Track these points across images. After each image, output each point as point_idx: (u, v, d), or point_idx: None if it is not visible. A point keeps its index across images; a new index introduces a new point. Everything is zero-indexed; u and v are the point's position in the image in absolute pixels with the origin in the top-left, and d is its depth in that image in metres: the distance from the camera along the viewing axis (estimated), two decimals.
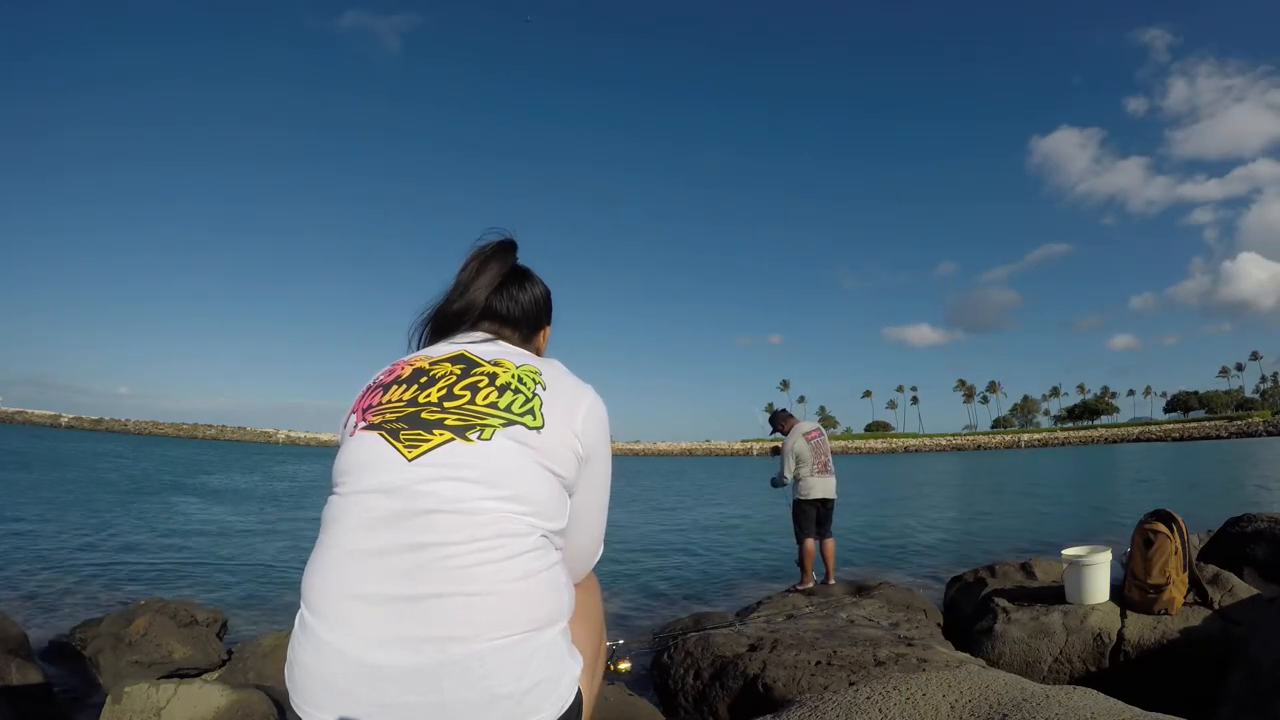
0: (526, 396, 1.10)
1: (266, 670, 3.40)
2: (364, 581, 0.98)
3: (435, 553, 0.97)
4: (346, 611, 0.98)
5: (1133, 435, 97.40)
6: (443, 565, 0.97)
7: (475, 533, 0.99)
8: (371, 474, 1.04)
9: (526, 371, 1.15)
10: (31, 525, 11.52)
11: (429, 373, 1.14)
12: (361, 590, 0.98)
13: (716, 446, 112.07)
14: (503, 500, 1.02)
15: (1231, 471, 27.42)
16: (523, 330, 1.30)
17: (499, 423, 1.06)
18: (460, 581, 0.96)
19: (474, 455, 1.03)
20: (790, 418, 6.28)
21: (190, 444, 77.00)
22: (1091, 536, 8.84)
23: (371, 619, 0.96)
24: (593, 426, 1.15)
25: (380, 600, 0.96)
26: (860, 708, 1.76)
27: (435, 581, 0.96)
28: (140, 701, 2.54)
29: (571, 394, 1.15)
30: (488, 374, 1.13)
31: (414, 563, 0.97)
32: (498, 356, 1.17)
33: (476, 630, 0.96)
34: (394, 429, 1.07)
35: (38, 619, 5.76)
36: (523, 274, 1.34)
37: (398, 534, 0.99)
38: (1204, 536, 5.85)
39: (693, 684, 3.43)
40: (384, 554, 0.98)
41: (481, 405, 1.08)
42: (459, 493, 1.00)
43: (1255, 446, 54.30)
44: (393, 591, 0.96)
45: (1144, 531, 3.79)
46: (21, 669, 3.40)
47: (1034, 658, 3.66)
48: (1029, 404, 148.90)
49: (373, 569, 0.98)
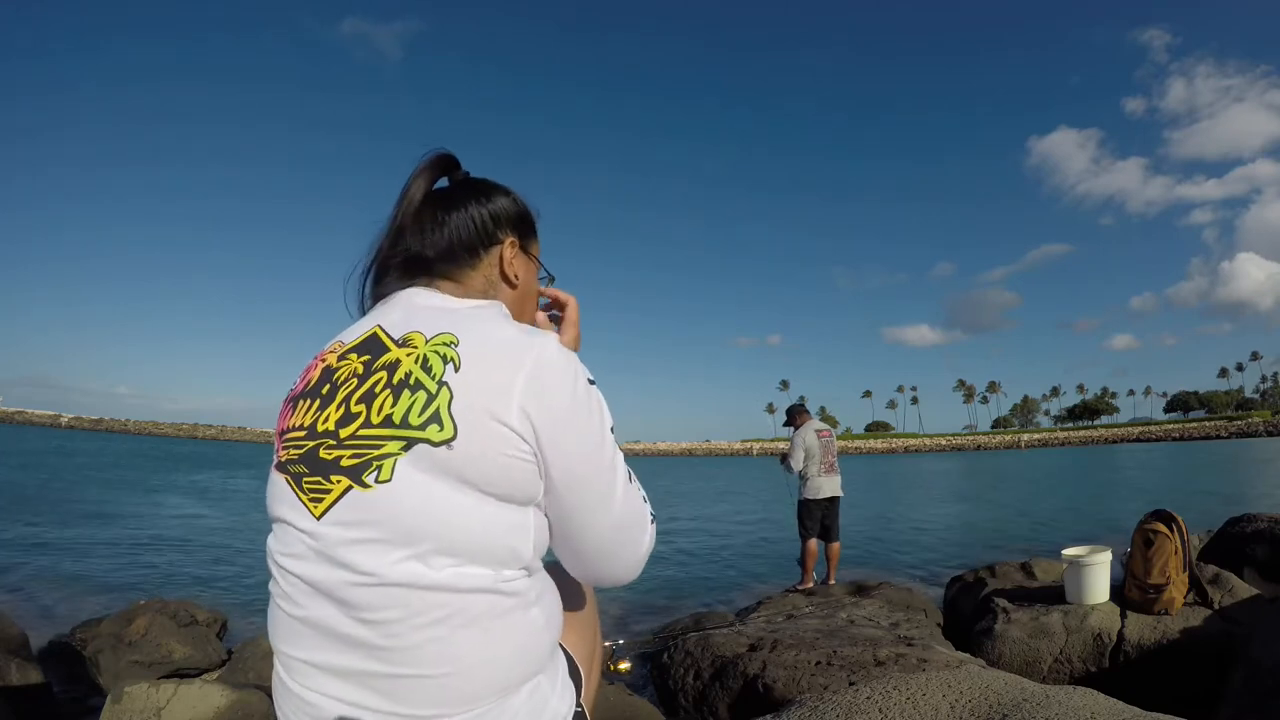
0: (429, 393, 0.85)
1: (266, 670, 3.40)
2: (321, 651, 0.88)
3: (378, 633, 0.84)
4: (315, 679, 0.89)
5: (1133, 435, 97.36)
6: (390, 646, 0.84)
7: (410, 605, 0.83)
8: (290, 532, 0.90)
9: (436, 347, 0.88)
10: (31, 526, 11.51)
11: (334, 376, 0.93)
12: (322, 660, 0.88)
13: (716, 446, 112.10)
14: (427, 557, 0.83)
15: (1231, 471, 27.41)
16: (452, 269, 1.03)
17: (398, 447, 0.84)
18: (413, 664, 0.84)
19: (377, 505, 0.84)
20: (805, 413, 6.32)
21: (190, 444, 76.95)
22: (1091, 536, 8.83)
23: (340, 689, 0.87)
24: (542, 400, 0.85)
25: (342, 673, 0.87)
26: (860, 708, 1.76)
27: (388, 662, 0.85)
28: (140, 701, 2.54)
29: (499, 366, 0.86)
30: (388, 366, 0.89)
31: (362, 642, 0.85)
32: (409, 330, 0.92)
33: (441, 709, 0.85)
34: (297, 473, 0.90)
35: (38, 619, 5.76)
36: (447, 194, 1.07)
37: (337, 610, 0.86)
38: (1204, 536, 5.85)
39: (693, 684, 3.43)
40: (330, 630, 0.87)
41: (377, 424, 0.86)
42: (375, 561, 0.83)
43: (1255, 446, 54.29)
44: (351, 665, 0.86)
45: (1144, 531, 3.79)
46: (21, 669, 3.40)
47: (1034, 658, 3.66)
48: (1029, 404, 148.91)
49: (325, 641, 0.87)
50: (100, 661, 4.18)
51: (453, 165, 1.10)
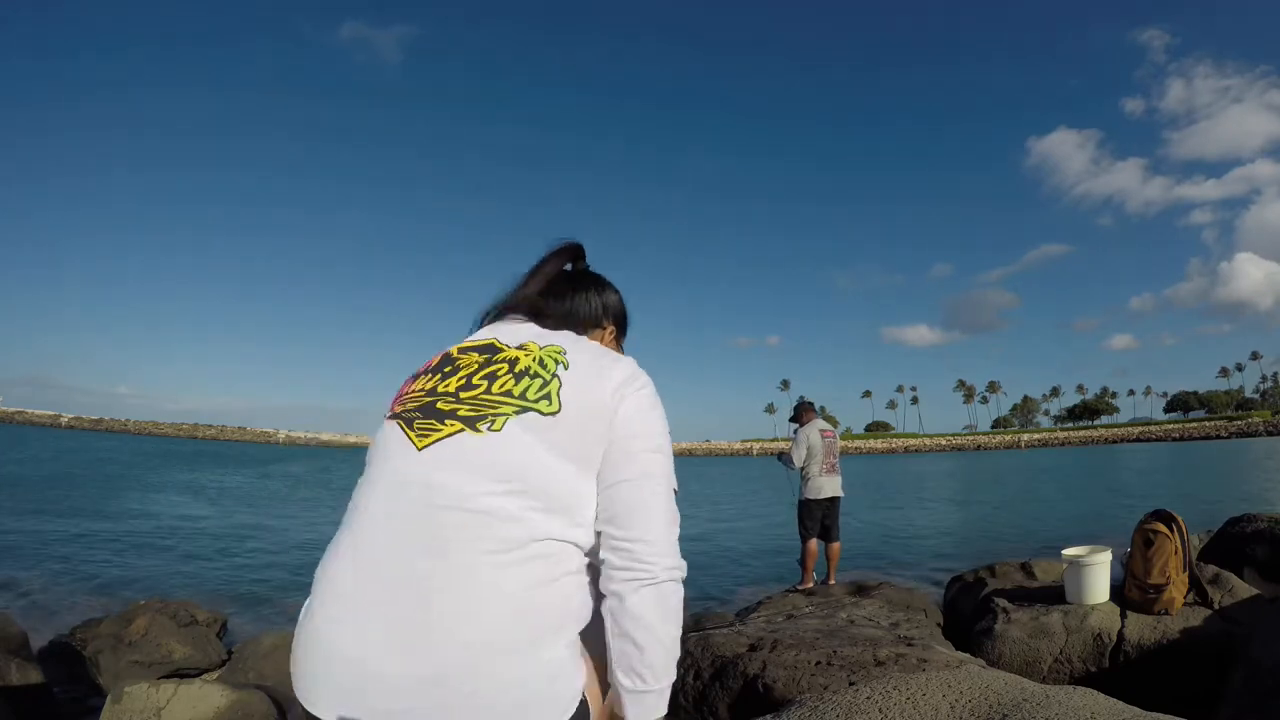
0: (544, 379, 1.07)
1: (266, 670, 3.40)
2: (370, 581, 0.98)
3: (441, 554, 0.96)
4: (349, 611, 0.97)
5: (1133, 435, 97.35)
6: (448, 568, 0.95)
7: (481, 533, 0.96)
8: (385, 462, 1.06)
9: (550, 352, 1.11)
10: (31, 526, 11.51)
11: (454, 361, 1.14)
12: (366, 590, 0.97)
13: (716, 446, 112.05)
14: (511, 496, 0.98)
15: (1231, 471, 27.40)
16: (569, 325, 1.25)
17: (511, 410, 1.04)
18: (464, 587, 0.94)
19: (482, 447, 1.01)
20: (812, 411, 6.32)
21: (190, 444, 76.97)
22: (1091, 536, 8.83)
23: (373, 620, 0.95)
24: (629, 403, 1.07)
25: (383, 602, 0.95)
26: (860, 708, 1.76)
27: (438, 584, 0.94)
28: (140, 701, 2.54)
29: (600, 369, 1.10)
30: (508, 360, 1.11)
31: (421, 563, 0.96)
32: (525, 340, 1.15)
33: (478, 637, 0.93)
34: (410, 418, 1.08)
35: (38, 619, 5.76)
36: (576, 276, 1.34)
37: (407, 529, 0.99)
38: (1204, 536, 5.85)
39: (693, 684, 3.43)
40: (392, 550, 0.98)
41: (496, 394, 1.06)
42: (466, 488, 0.98)
43: (1255, 446, 54.29)
44: (395, 594, 0.95)
45: (1144, 531, 3.79)
46: (21, 669, 3.40)
47: (1034, 658, 3.66)
48: (1029, 404, 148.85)
49: (380, 567, 0.98)
50: (100, 661, 4.18)
51: (581, 255, 1.36)
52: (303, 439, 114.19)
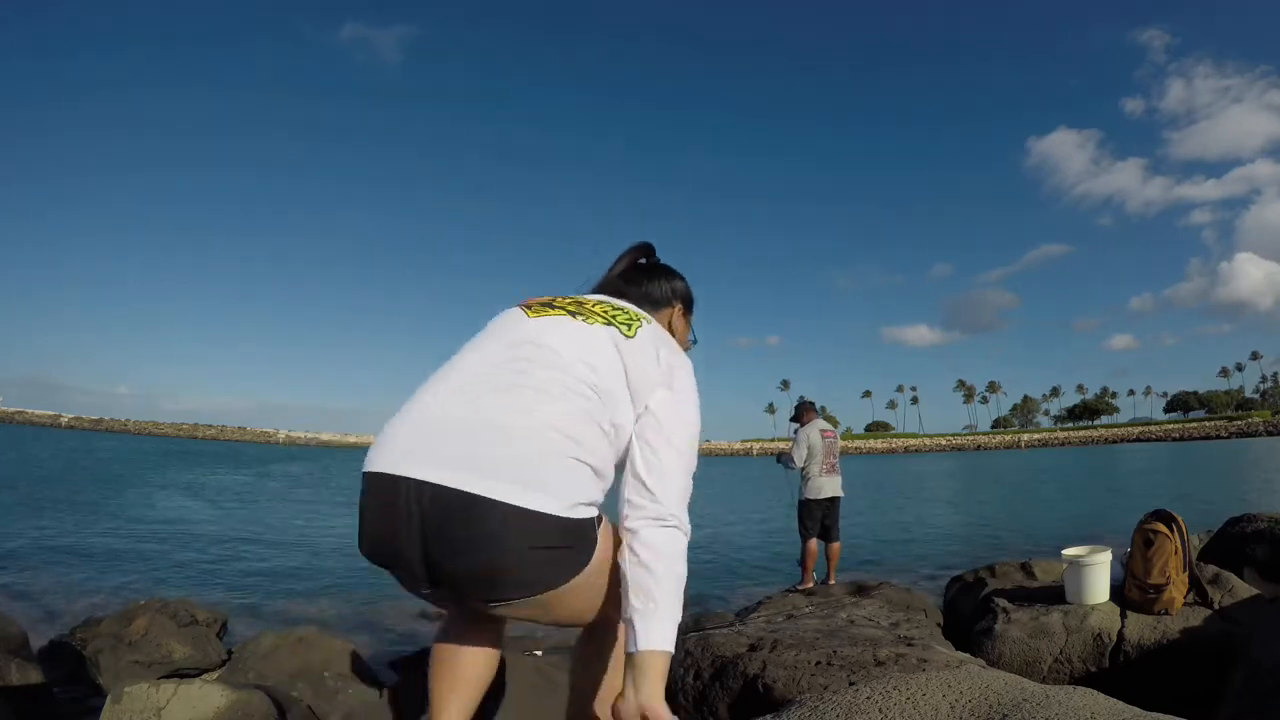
0: (629, 319, 1.44)
1: (266, 670, 3.40)
2: (470, 374, 1.31)
3: (527, 378, 1.28)
4: (440, 391, 1.29)
5: (1133, 435, 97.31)
6: (533, 378, 1.28)
7: (564, 380, 1.28)
8: (498, 325, 1.43)
9: (638, 313, 1.48)
10: (31, 526, 11.51)
11: (570, 297, 1.51)
12: (461, 379, 1.31)
13: (716, 446, 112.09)
14: (586, 364, 1.31)
15: (1231, 471, 27.40)
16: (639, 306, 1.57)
17: (602, 320, 1.41)
18: (539, 398, 1.25)
19: (577, 329, 1.38)
20: (813, 411, 6.32)
21: (190, 444, 76.96)
22: (1091, 536, 8.84)
23: (458, 394, 1.28)
24: (680, 378, 1.41)
25: (455, 401, 1.26)
26: (860, 708, 1.76)
27: (518, 391, 1.26)
28: (140, 701, 2.54)
29: (667, 345, 1.45)
30: (609, 303, 1.49)
31: (500, 383, 1.28)
32: (623, 304, 1.52)
33: (534, 417, 1.23)
34: (530, 306, 1.46)
35: (38, 619, 5.77)
36: (649, 267, 1.72)
37: (507, 356, 1.32)
38: (1204, 536, 5.85)
39: (692, 684, 3.43)
40: (493, 365, 1.31)
41: (594, 307, 1.45)
42: (559, 346, 1.33)
43: (1255, 446, 54.29)
44: (468, 393, 1.27)
45: (1144, 531, 3.79)
46: (21, 669, 3.40)
47: (1034, 658, 3.66)
48: (1029, 404, 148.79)
49: (478, 373, 1.31)
50: (100, 661, 4.18)
51: (652, 251, 1.75)
52: (303, 439, 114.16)
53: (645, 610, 1.21)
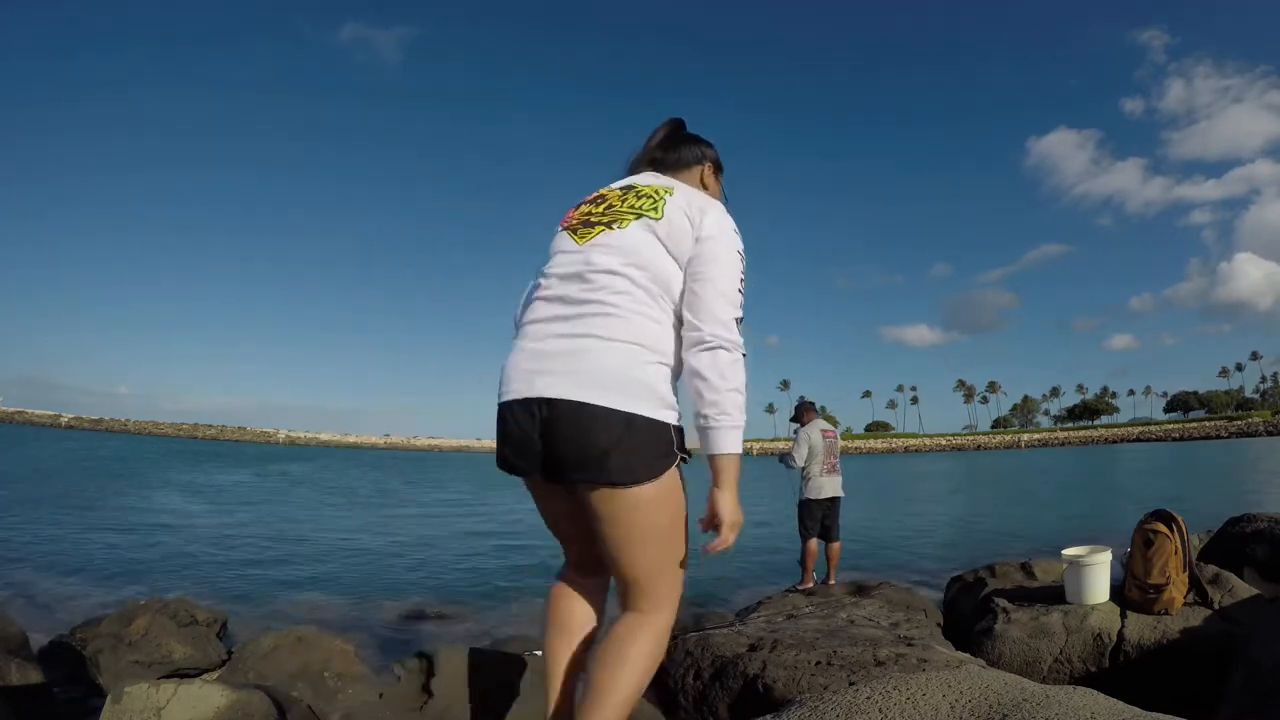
0: (655, 201, 1.70)
1: (266, 670, 3.40)
2: (545, 310, 1.67)
3: (592, 296, 1.61)
4: (530, 328, 1.68)
5: (1133, 435, 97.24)
6: (595, 300, 1.61)
7: (615, 283, 1.61)
8: (560, 254, 1.73)
9: (662, 188, 1.74)
10: (31, 526, 11.51)
11: (605, 197, 1.79)
12: (543, 314, 1.67)
13: None
14: (633, 267, 1.62)
15: (1231, 471, 27.40)
16: (678, 171, 1.89)
17: (633, 217, 1.68)
18: (600, 316, 1.59)
19: (617, 238, 1.67)
20: (813, 411, 6.32)
21: (190, 444, 76.93)
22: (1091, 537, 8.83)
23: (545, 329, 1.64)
24: (711, 220, 1.67)
25: (552, 319, 1.64)
26: (860, 708, 1.76)
27: (584, 319, 1.60)
28: (140, 701, 2.54)
29: (692, 199, 1.71)
30: (635, 192, 1.75)
31: (572, 312, 1.62)
32: (650, 182, 1.78)
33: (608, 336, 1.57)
34: (574, 227, 1.75)
35: (38, 619, 5.76)
36: (679, 137, 1.96)
37: (571, 287, 1.65)
38: (1204, 536, 5.84)
39: (693, 684, 3.43)
40: (560, 298, 1.65)
41: (623, 209, 1.71)
42: (607, 261, 1.64)
43: (1255, 446, 54.26)
44: (554, 327, 1.63)
45: (1144, 531, 3.79)
46: (21, 669, 3.40)
47: (1034, 658, 3.66)
48: (1029, 404, 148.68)
49: (552, 305, 1.66)
50: (100, 661, 4.17)
51: (683, 124, 1.99)
52: (303, 439, 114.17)
53: (714, 419, 1.57)
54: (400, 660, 3.36)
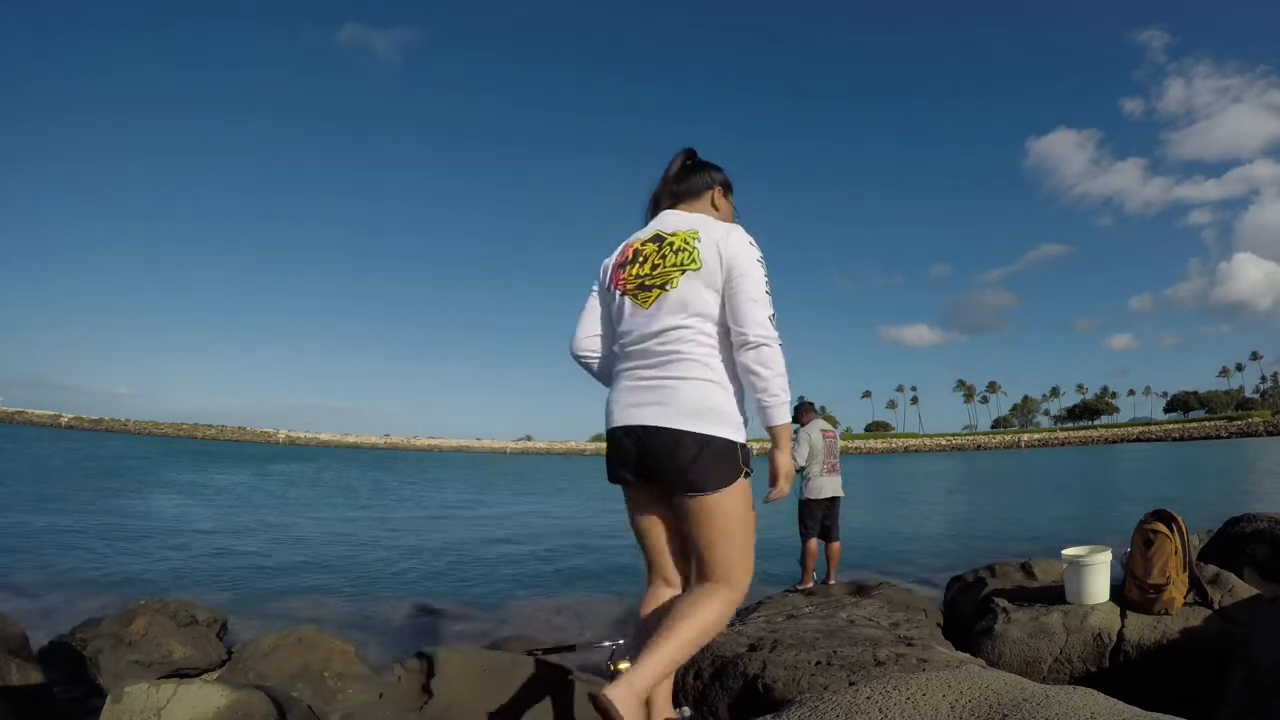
0: (690, 253, 2.03)
1: (266, 670, 3.40)
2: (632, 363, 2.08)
3: (659, 367, 2.01)
4: (624, 376, 2.09)
5: (1133, 435, 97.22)
6: (670, 350, 2.01)
7: (682, 335, 2.00)
8: (630, 318, 2.09)
9: (689, 235, 2.06)
10: (30, 526, 11.51)
11: (641, 252, 2.12)
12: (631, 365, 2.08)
13: None
14: (692, 316, 2.00)
15: (1231, 471, 27.40)
16: (692, 200, 2.22)
17: (678, 273, 2.02)
18: (676, 362, 2.00)
19: (673, 298, 2.02)
20: (812, 411, 6.31)
21: (190, 443, 76.95)
22: (1091, 536, 8.83)
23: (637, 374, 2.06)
24: (732, 245, 2.02)
25: (640, 368, 2.05)
26: (860, 708, 1.76)
27: (664, 366, 2.01)
28: (140, 701, 2.54)
29: (714, 233, 2.05)
30: (671, 245, 2.07)
31: (654, 361, 2.02)
32: (675, 228, 2.10)
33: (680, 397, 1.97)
34: (633, 292, 2.09)
35: (38, 619, 5.76)
36: (689, 166, 2.26)
37: (649, 344, 2.04)
38: (1204, 536, 5.84)
39: (693, 684, 3.43)
40: (642, 352, 2.05)
41: (668, 266, 2.04)
42: (673, 321, 2.01)
43: (1255, 446, 54.27)
44: (642, 373, 2.04)
45: (1144, 531, 3.79)
46: (21, 669, 3.40)
47: (1034, 658, 3.66)
48: (1029, 404, 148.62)
49: (636, 358, 2.07)
50: (100, 661, 4.18)
51: (694, 154, 2.29)
52: (303, 439, 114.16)
53: (766, 401, 1.97)
54: (400, 660, 3.36)
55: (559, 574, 9.05)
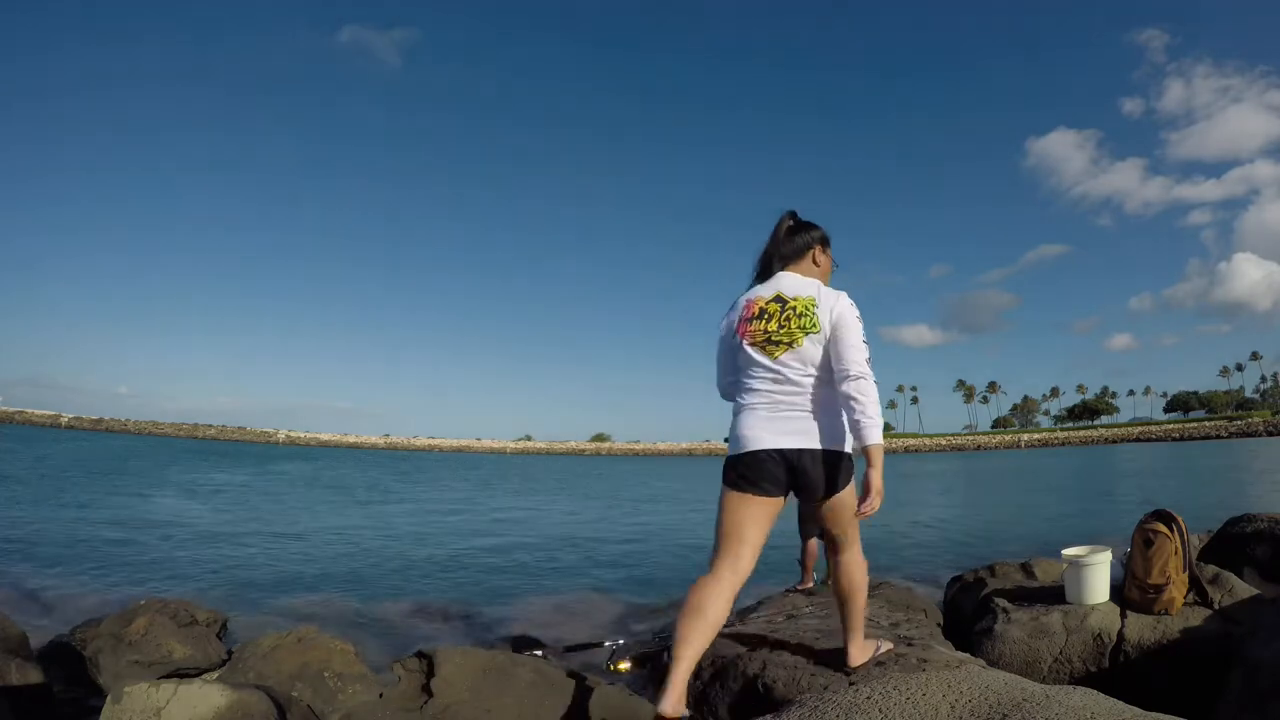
0: (811, 318, 2.59)
1: (266, 670, 3.39)
2: (767, 399, 2.64)
3: (794, 406, 2.61)
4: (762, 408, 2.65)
5: (1133, 435, 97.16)
6: (798, 392, 2.61)
7: (804, 383, 2.61)
8: (759, 366, 2.64)
9: (808, 300, 2.63)
10: (30, 525, 11.51)
11: (766, 309, 2.67)
12: (766, 400, 2.64)
13: (716, 447, 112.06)
14: (813, 366, 2.59)
15: (1231, 471, 27.39)
16: (799, 260, 2.79)
17: (802, 334, 2.59)
18: (804, 399, 2.61)
19: (798, 353, 2.60)
20: None
21: (190, 444, 76.93)
22: (1091, 536, 8.83)
23: (773, 408, 2.63)
24: (840, 309, 2.61)
25: (775, 404, 2.62)
26: (860, 708, 1.76)
27: (795, 402, 2.61)
28: (140, 701, 2.54)
29: (825, 298, 2.64)
30: (793, 308, 2.63)
31: (787, 400, 2.61)
32: (795, 293, 2.66)
33: (812, 412, 2.61)
34: (761, 344, 2.64)
35: (38, 619, 5.76)
36: (793, 227, 2.81)
37: (780, 387, 2.61)
38: (1204, 536, 5.84)
39: (692, 684, 3.42)
40: (774, 391, 2.62)
41: (793, 327, 2.60)
42: (799, 371, 2.60)
43: (1255, 446, 54.23)
44: (780, 409, 2.62)
45: (1144, 531, 3.79)
46: (21, 669, 3.40)
47: (1034, 658, 3.66)
48: (1029, 404, 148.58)
49: (770, 395, 2.63)
50: (100, 661, 4.17)
51: (795, 215, 2.82)
52: (303, 439, 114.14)
53: (864, 421, 2.53)
54: (400, 660, 3.36)
55: (559, 574, 9.05)
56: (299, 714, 2.90)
